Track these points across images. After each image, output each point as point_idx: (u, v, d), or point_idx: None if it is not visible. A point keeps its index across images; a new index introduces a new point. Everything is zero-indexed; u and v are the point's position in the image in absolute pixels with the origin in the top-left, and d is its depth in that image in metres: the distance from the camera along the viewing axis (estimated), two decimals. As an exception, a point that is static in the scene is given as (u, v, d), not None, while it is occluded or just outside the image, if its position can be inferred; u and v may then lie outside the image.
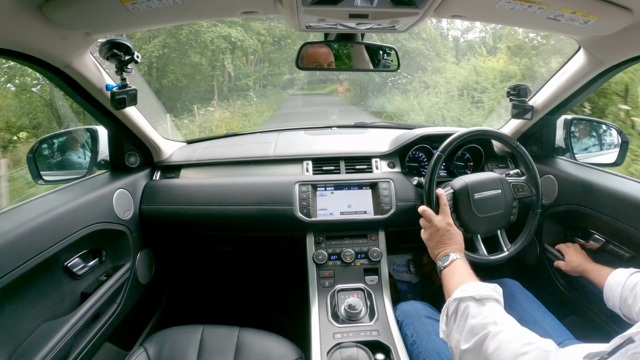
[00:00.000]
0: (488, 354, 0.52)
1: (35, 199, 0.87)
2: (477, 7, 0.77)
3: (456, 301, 0.64)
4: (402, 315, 0.95)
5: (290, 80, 19.26)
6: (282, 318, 1.34)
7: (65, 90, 0.92)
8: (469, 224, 0.98)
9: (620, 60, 0.90)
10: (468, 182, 0.99)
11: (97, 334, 0.94)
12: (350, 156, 1.27)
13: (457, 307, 0.63)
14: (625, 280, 0.78)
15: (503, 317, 0.59)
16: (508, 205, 1.02)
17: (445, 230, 0.85)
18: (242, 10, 0.78)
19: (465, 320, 0.60)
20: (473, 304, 0.61)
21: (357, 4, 0.71)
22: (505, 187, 1.02)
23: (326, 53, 1.05)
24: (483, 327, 0.56)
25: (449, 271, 0.76)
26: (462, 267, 0.75)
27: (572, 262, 1.00)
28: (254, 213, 1.14)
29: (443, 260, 0.79)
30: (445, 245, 0.82)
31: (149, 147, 1.24)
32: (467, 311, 0.61)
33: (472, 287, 0.65)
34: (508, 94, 1.20)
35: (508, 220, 1.04)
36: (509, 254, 1.02)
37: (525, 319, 0.89)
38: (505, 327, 0.55)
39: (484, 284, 0.66)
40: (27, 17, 0.64)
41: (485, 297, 0.62)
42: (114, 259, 1.08)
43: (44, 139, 1.07)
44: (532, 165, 1.04)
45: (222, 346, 0.91)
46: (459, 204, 0.98)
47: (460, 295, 0.64)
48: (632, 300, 0.74)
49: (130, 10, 0.69)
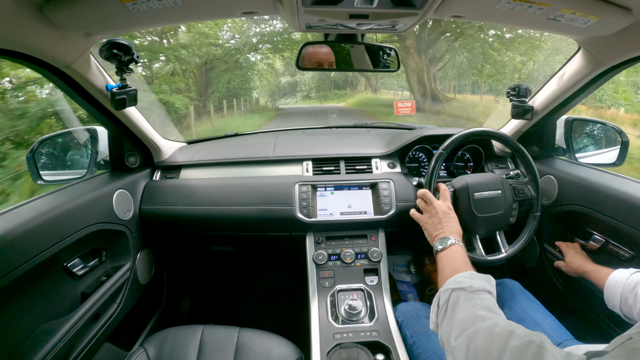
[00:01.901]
0: (477, 349, 0.51)
1: (35, 199, 0.87)
2: (477, 7, 0.77)
3: (448, 292, 0.63)
4: (401, 316, 0.95)
5: (293, 85, 15.73)
6: (282, 318, 1.34)
7: (66, 91, 0.92)
8: (468, 223, 0.99)
9: (620, 60, 0.90)
10: (469, 182, 0.99)
11: (97, 334, 0.94)
12: (350, 156, 1.27)
13: (448, 298, 0.62)
14: (625, 280, 0.78)
15: (493, 311, 0.58)
16: (508, 206, 1.02)
17: (445, 213, 0.84)
18: (242, 10, 0.78)
19: (455, 313, 0.59)
20: (464, 296, 0.61)
21: (357, 5, 0.71)
22: (506, 188, 1.03)
23: (327, 53, 1.05)
24: (472, 321, 0.55)
25: (445, 255, 0.75)
26: (459, 253, 0.74)
27: (572, 264, 1.00)
28: (254, 213, 1.14)
29: (441, 242, 0.78)
30: (444, 227, 0.82)
31: (149, 147, 1.24)
32: (458, 304, 0.60)
33: (464, 277, 0.64)
34: (508, 94, 1.20)
35: (507, 222, 1.04)
36: (507, 255, 1.02)
37: (526, 319, 0.89)
38: (494, 321, 0.54)
39: (477, 275, 0.66)
40: (27, 18, 0.64)
41: (477, 289, 0.61)
42: (114, 259, 1.08)
43: (43, 139, 1.07)
44: (533, 167, 1.04)
45: (222, 346, 0.91)
46: (458, 202, 0.98)
47: (452, 286, 0.63)
48: (633, 300, 0.73)
49: (131, 10, 0.69)
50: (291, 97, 15.64)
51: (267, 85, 17.08)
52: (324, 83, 15.38)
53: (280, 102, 16.37)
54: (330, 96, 15.66)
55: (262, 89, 16.25)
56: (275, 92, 15.36)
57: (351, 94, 15.39)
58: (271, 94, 16.29)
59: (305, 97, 15.56)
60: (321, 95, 15.81)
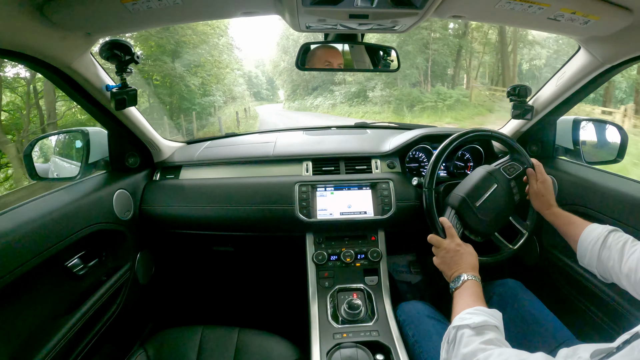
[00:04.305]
0: None
1: (36, 199, 0.87)
2: (477, 7, 0.77)
3: (454, 329, 0.65)
4: (403, 315, 0.95)
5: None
6: (282, 318, 1.33)
7: (66, 91, 0.92)
8: (482, 230, 0.97)
9: (620, 60, 0.90)
10: (464, 195, 0.97)
11: (97, 334, 0.94)
12: (350, 156, 1.27)
13: (455, 335, 0.64)
14: (603, 238, 0.77)
15: (495, 344, 0.59)
16: (508, 192, 1.00)
17: (455, 251, 0.85)
18: (242, 10, 0.78)
19: (459, 348, 0.61)
20: (468, 331, 0.62)
21: (357, 5, 0.71)
22: (498, 177, 1.00)
23: (328, 53, 1.05)
24: (473, 355, 0.57)
25: (458, 293, 0.77)
26: (470, 289, 0.75)
27: (541, 190, 0.95)
28: (254, 213, 1.14)
29: (455, 282, 0.79)
30: (457, 266, 0.83)
31: (149, 147, 1.24)
32: (462, 339, 0.62)
33: (470, 314, 0.66)
34: (508, 94, 1.20)
35: (514, 204, 1.02)
36: (529, 232, 1.02)
37: (527, 318, 0.90)
38: (495, 351, 0.55)
39: (483, 310, 0.67)
40: (27, 18, 0.65)
41: (481, 324, 0.63)
42: (113, 260, 1.08)
43: (39, 139, 1.07)
44: (516, 145, 1.04)
45: (221, 347, 0.91)
46: (464, 218, 0.96)
47: (457, 323, 0.65)
48: (614, 261, 0.73)
49: (131, 10, 0.69)
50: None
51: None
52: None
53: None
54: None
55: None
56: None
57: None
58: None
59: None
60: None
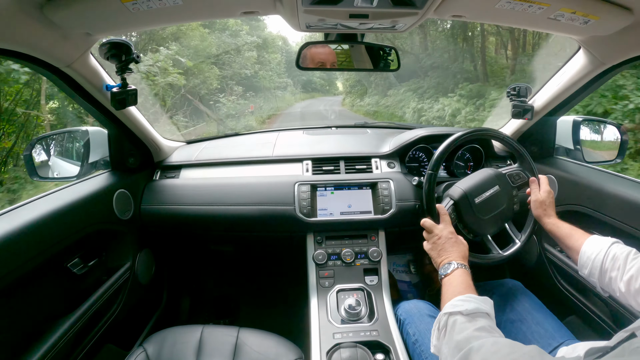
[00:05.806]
0: None
1: (36, 199, 0.87)
2: (477, 7, 0.77)
3: (446, 315, 0.65)
4: (404, 314, 0.95)
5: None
6: (282, 318, 1.33)
7: (66, 91, 0.92)
8: (476, 228, 0.97)
9: (621, 60, 0.90)
10: (466, 189, 0.97)
11: (97, 334, 0.94)
12: (350, 156, 1.27)
13: (446, 322, 0.64)
14: (606, 249, 0.75)
15: (488, 331, 0.59)
16: (509, 198, 1.01)
17: (447, 238, 0.85)
18: (242, 10, 0.78)
19: (452, 335, 0.61)
20: (461, 318, 0.62)
21: (357, 4, 0.71)
22: (502, 181, 1.01)
23: (328, 53, 1.05)
24: (467, 342, 0.56)
25: (448, 280, 0.76)
26: (461, 277, 0.75)
27: (541, 201, 0.94)
28: (254, 213, 1.14)
29: (445, 268, 0.79)
30: (447, 253, 0.82)
31: (149, 147, 1.24)
32: (455, 326, 0.62)
33: (462, 301, 0.66)
34: (508, 94, 1.20)
35: (512, 211, 1.03)
36: (522, 244, 1.01)
37: (527, 319, 0.90)
38: (489, 340, 0.55)
39: (474, 298, 0.67)
40: (27, 18, 0.65)
41: (473, 311, 0.63)
42: (114, 259, 1.08)
43: (40, 138, 1.07)
44: (527, 156, 1.03)
45: (221, 346, 0.91)
46: (461, 212, 0.96)
47: (449, 310, 0.65)
48: (617, 272, 0.71)
49: (131, 10, 0.69)
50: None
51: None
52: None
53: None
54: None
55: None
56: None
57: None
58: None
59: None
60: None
